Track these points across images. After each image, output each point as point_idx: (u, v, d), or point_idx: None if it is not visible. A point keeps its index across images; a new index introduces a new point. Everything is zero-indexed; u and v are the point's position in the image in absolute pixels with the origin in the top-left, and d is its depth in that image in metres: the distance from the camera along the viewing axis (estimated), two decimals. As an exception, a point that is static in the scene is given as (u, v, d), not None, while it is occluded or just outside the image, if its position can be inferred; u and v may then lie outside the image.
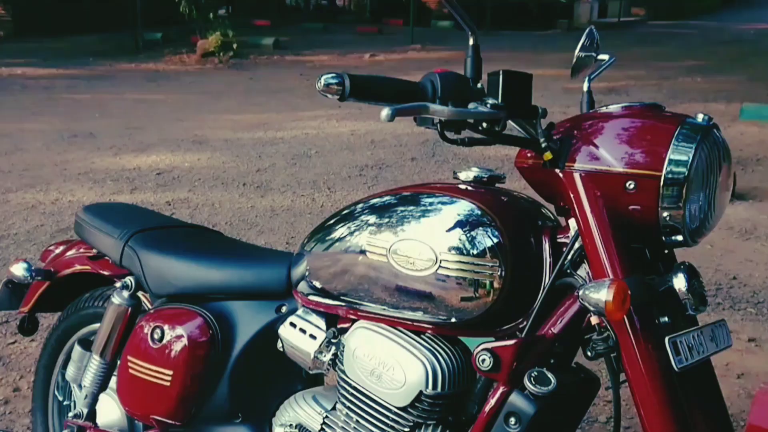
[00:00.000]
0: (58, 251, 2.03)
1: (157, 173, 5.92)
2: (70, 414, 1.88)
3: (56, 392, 2.08)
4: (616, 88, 9.70)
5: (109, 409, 1.85)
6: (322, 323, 1.49)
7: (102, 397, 1.85)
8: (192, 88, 11.25)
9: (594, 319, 1.17)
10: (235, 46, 14.04)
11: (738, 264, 4.03)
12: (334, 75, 1.05)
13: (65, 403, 2.08)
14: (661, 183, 1.11)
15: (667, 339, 1.10)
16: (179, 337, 1.56)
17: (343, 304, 1.42)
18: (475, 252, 1.23)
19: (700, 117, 1.17)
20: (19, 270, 1.93)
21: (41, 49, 15.79)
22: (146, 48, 15.73)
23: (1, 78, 12.20)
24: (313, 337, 1.48)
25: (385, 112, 1.03)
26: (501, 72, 1.14)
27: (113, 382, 1.85)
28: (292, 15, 23.36)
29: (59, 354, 2.03)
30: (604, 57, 1.44)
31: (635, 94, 9.37)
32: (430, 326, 1.31)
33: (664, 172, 1.11)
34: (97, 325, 1.89)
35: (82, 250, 1.92)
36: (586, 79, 1.41)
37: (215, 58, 13.80)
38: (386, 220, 1.33)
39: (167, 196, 5.28)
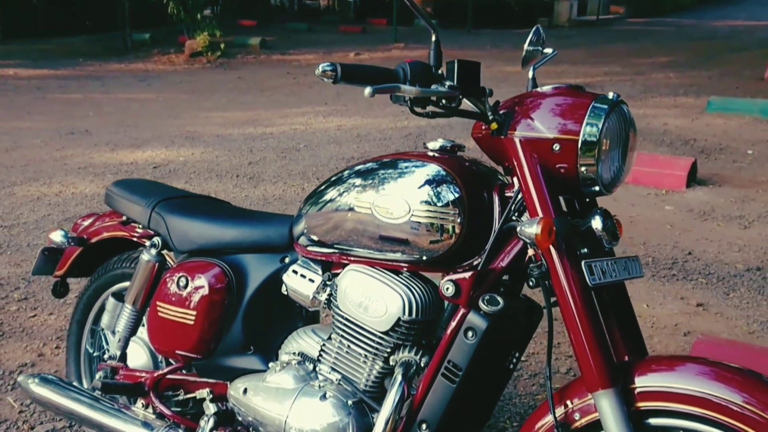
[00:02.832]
0: (87, 222, 2.35)
1: (153, 167, 6.23)
2: (105, 357, 2.20)
3: (87, 346, 2.40)
4: (591, 83, 10.09)
5: (138, 353, 2.19)
6: (318, 269, 1.82)
7: (131, 344, 2.18)
8: (182, 87, 11.54)
9: (531, 251, 1.51)
10: (222, 46, 14.35)
11: (694, 241, 4.40)
12: (329, 63, 1.38)
13: (95, 354, 2.40)
14: (579, 145, 1.45)
15: (583, 262, 1.44)
16: (201, 284, 1.89)
17: (335, 252, 1.75)
18: (440, 204, 1.56)
19: (610, 94, 1.51)
20: (57, 237, 2.25)
21: (31, 50, 16.02)
22: (135, 49, 16.01)
23: (-6, 79, 12.43)
24: (311, 281, 1.81)
25: (367, 90, 1.37)
26: (456, 61, 1.48)
27: (141, 331, 2.19)
28: (277, 15, 23.63)
29: (90, 311, 2.35)
30: (549, 50, 1.77)
31: (609, 89, 9.73)
32: (406, 264, 1.65)
33: (581, 136, 1.45)
34: (124, 284, 2.23)
35: (111, 219, 2.25)
36: (532, 68, 1.75)
37: (203, 58, 14.10)
38: (370, 181, 1.67)
39: (165, 187, 5.58)
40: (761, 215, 4.87)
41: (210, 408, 1.94)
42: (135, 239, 2.15)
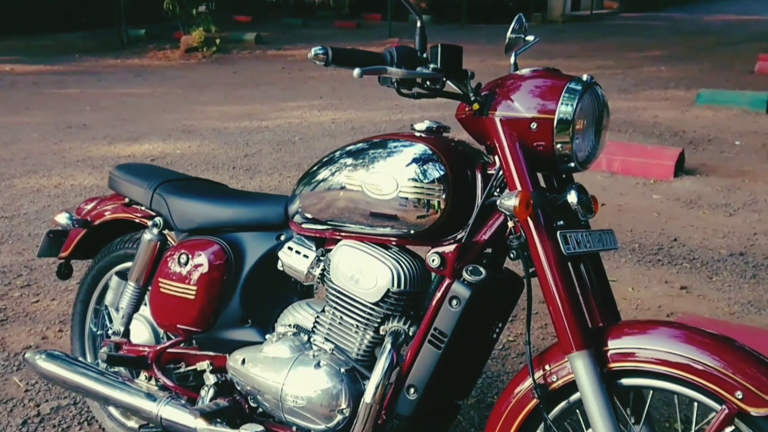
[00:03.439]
0: (90, 205, 2.44)
1: (151, 159, 6.32)
2: (110, 333, 2.30)
3: (91, 325, 2.50)
4: (584, 77, 10.18)
5: (140, 330, 2.29)
6: (312, 245, 1.92)
7: (134, 321, 2.28)
8: (177, 82, 11.62)
9: (510, 224, 1.61)
10: (218, 41, 14.43)
11: (680, 228, 4.51)
12: (320, 47, 1.48)
13: (99, 332, 2.50)
14: (555, 124, 1.55)
15: (558, 233, 1.54)
16: (201, 261, 1.99)
17: (328, 228, 1.85)
18: (426, 181, 1.66)
19: (585, 76, 1.62)
20: (62, 219, 2.35)
21: (26, 46, 16.07)
22: (130, 44, 16.08)
23: (-10, 74, 12.50)
24: (305, 257, 1.91)
25: (356, 71, 1.47)
26: (439, 45, 1.58)
27: (143, 309, 2.29)
28: (272, 10, 23.69)
29: (94, 291, 2.45)
30: (530, 38, 1.87)
31: (601, 82, 9.80)
32: (394, 239, 1.75)
33: (556, 115, 1.55)
34: (126, 264, 2.33)
35: (114, 202, 2.35)
36: (513, 54, 1.85)
37: (199, 53, 14.18)
38: (360, 160, 1.77)
39: (162, 179, 5.68)
40: (746, 203, 4.99)
41: (210, 379, 2.04)
42: (137, 220, 2.24)
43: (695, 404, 1.51)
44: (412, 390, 1.72)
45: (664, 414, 2.32)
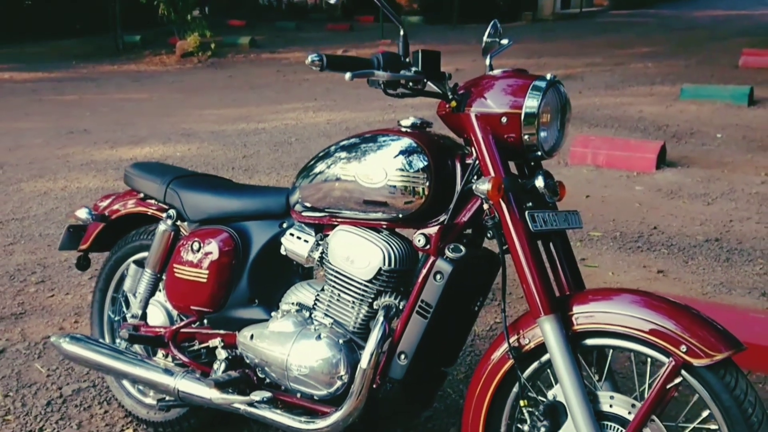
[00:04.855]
0: (107, 201, 2.66)
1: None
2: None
3: (109, 312, 2.72)
4: (572, 74, 10.45)
5: (155, 314, 2.50)
6: (311, 231, 2.14)
7: (150, 306, 2.50)
8: (174, 86, 11.83)
9: (486, 206, 1.83)
10: (213, 45, 14.64)
11: (660, 217, 4.74)
12: (316, 54, 1.70)
13: (116, 319, 2.71)
14: (522, 118, 1.77)
15: (526, 212, 1.77)
16: (211, 247, 2.21)
17: (326, 215, 2.07)
18: (412, 170, 1.88)
19: (549, 75, 1.84)
20: (82, 213, 2.57)
21: (22, 53, 16.27)
22: (126, 50, 16.29)
23: (-11, 82, 12.70)
24: (306, 241, 2.13)
25: (348, 75, 1.69)
26: (420, 51, 1.80)
27: (158, 294, 2.51)
28: (265, 14, 23.89)
29: (112, 280, 2.67)
30: (505, 42, 2.09)
31: (589, 79, 10.11)
32: (385, 223, 1.97)
33: (523, 110, 1.77)
34: (142, 254, 2.55)
35: (129, 197, 2.56)
36: (489, 56, 2.06)
37: (194, 58, 14.39)
38: (353, 154, 1.99)
39: (164, 180, 5.90)
40: (724, 192, 5.22)
41: (221, 354, 2.26)
42: (152, 213, 2.46)
43: (648, 360, 1.73)
44: (402, 356, 1.94)
45: (623, 372, 2.54)
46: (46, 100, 10.65)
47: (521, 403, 1.83)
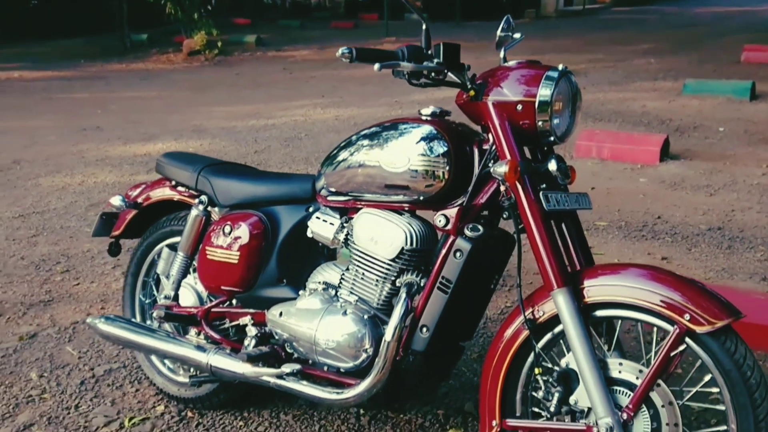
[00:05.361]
0: (138, 191, 2.80)
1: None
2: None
3: (140, 295, 2.86)
4: (575, 70, 10.49)
5: (187, 295, 2.64)
6: (336, 215, 2.28)
7: (181, 288, 2.64)
8: (183, 84, 11.98)
9: (502, 188, 1.97)
10: (219, 44, 14.78)
11: (664, 207, 4.88)
12: (346, 48, 1.84)
13: (147, 302, 2.85)
14: (536, 105, 1.91)
15: (541, 193, 1.91)
16: (242, 230, 2.35)
17: (350, 199, 2.21)
18: (433, 155, 2.02)
19: (560, 66, 1.98)
20: (116, 201, 2.71)
21: (29, 53, 16.43)
22: (133, 49, 16.45)
23: (0, 81, 12.84)
24: (331, 224, 2.26)
25: (377, 66, 1.83)
26: (441, 43, 1.95)
27: (189, 277, 2.64)
28: (268, 13, 24.03)
29: (143, 264, 2.80)
30: (517, 35, 2.23)
31: (593, 75, 10.23)
32: (407, 205, 2.11)
33: (537, 99, 1.91)
34: (172, 239, 2.68)
35: (160, 185, 2.70)
36: (503, 49, 2.20)
37: (201, 56, 14.55)
38: (376, 141, 2.13)
39: (179, 175, 6.05)
40: (726, 184, 5.35)
41: (251, 331, 2.40)
42: (183, 199, 2.60)
43: (655, 329, 1.87)
44: (425, 329, 2.08)
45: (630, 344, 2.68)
46: (56, 99, 10.80)
47: (536, 371, 1.97)
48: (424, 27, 1.97)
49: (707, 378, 1.82)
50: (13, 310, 3.59)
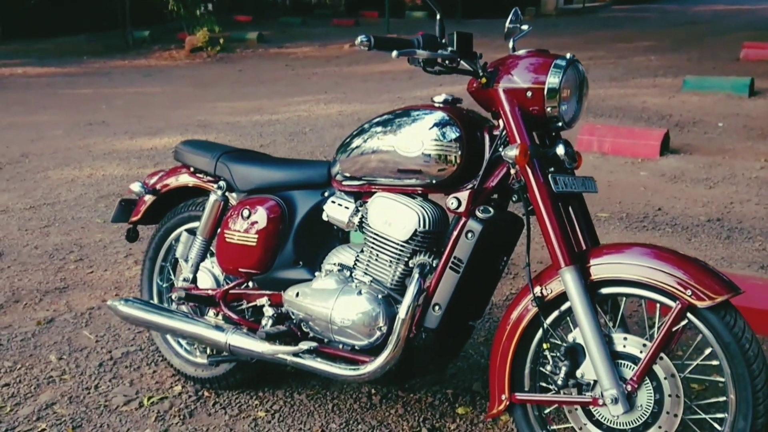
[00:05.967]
0: (156, 178, 2.88)
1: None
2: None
3: (158, 279, 2.95)
4: (576, 67, 10.62)
5: (204, 278, 2.73)
6: (351, 199, 2.36)
7: (199, 271, 2.73)
8: (185, 80, 12.06)
9: (513, 171, 2.06)
10: (221, 41, 14.86)
11: (664, 200, 4.97)
12: (365, 36, 1.93)
13: (164, 286, 2.94)
14: (545, 92, 2.00)
15: (549, 176, 2.00)
16: (260, 214, 2.44)
17: (364, 183, 2.30)
18: (445, 141, 2.11)
19: (568, 55, 2.07)
20: (135, 187, 2.80)
21: (33, 50, 16.49)
22: (136, 46, 16.52)
23: (4, 77, 12.93)
24: (346, 208, 2.35)
25: (394, 53, 1.92)
26: (455, 32, 2.03)
27: (206, 261, 2.73)
28: (270, 10, 24.09)
29: (161, 249, 2.89)
30: (525, 27, 2.32)
31: (594, 72, 10.30)
32: (420, 188, 2.20)
33: (546, 85, 2.00)
34: (191, 224, 2.77)
35: (178, 172, 2.79)
36: (512, 39, 2.29)
37: (204, 53, 14.62)
38: (389, 127, 2.22)
39: (186, 168, 6.14)
40: (725, 177, 5.45)
41: (268, 311, 2.48)
42: (200, 185, 2.69)
43: (658, 305, 1.96)
44: (437, 307, 2.17)
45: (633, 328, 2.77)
46: (61, 94, 10.87)
47: (544, 346, 2.07)
48: (438, 17, 2.06)
49: (707, 351, 1.91)
50: (29, 297, 3.68)
